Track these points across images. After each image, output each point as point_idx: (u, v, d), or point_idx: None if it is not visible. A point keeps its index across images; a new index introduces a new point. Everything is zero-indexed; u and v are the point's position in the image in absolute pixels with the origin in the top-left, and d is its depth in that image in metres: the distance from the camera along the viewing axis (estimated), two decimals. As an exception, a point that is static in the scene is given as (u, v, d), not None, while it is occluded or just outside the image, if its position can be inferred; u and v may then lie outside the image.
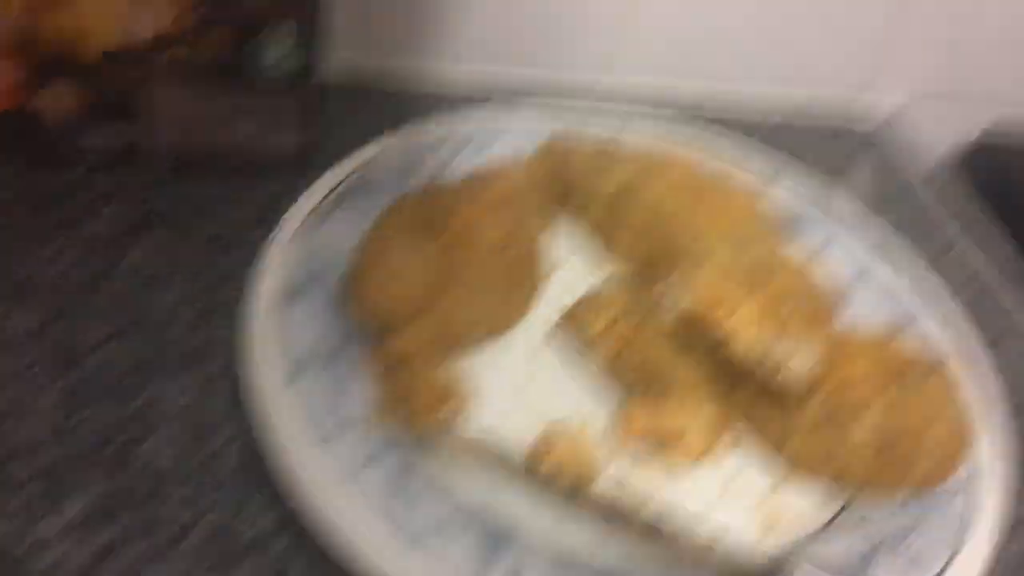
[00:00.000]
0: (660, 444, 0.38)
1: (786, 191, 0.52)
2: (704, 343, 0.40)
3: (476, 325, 0.40)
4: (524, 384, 0.40)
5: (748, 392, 0.39)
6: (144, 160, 0.47)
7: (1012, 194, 0.64)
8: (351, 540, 0.32)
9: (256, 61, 0.44)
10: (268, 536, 0.34)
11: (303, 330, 0.38)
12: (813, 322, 0.39)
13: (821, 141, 0.64)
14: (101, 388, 0.37)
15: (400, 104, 0.58)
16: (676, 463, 0.38)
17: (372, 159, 0.47)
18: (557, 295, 0.44)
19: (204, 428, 0.37)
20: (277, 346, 0.37)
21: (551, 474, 0.36)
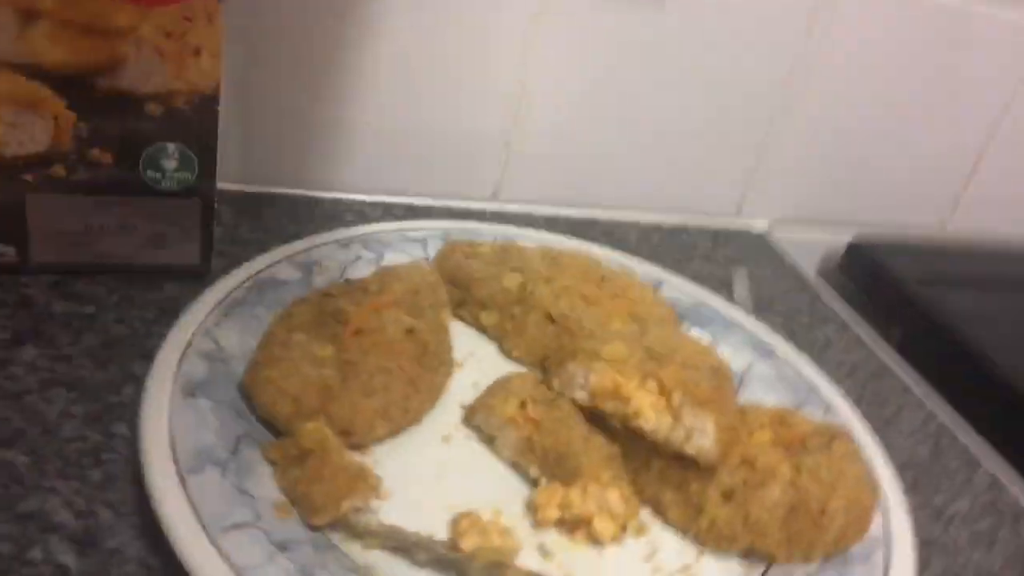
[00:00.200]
0: (572, 530, 0.37)
1: (675, 289, 0.54)
2: (612, 422, 0.40)
3: (380, 417, 0.39)
4: (434, 475, 0.39)
5: (660, 466, 0.39)
6: (31, 273, 0.45)
7: (888, 289, 0.68)
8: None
9: (142, 176, 0.44)
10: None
11: (201, 428, 0.36)
12: (716, 396, 0.40)
13: (701, 255, 0.67)
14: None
15: (298, 210, 0.59)
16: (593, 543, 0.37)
17: (270, 264, 0.46)
18: (462, 389, 0.44)
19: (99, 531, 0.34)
20: (174, 444, 0.35)
21: (468, 560, 0.34)
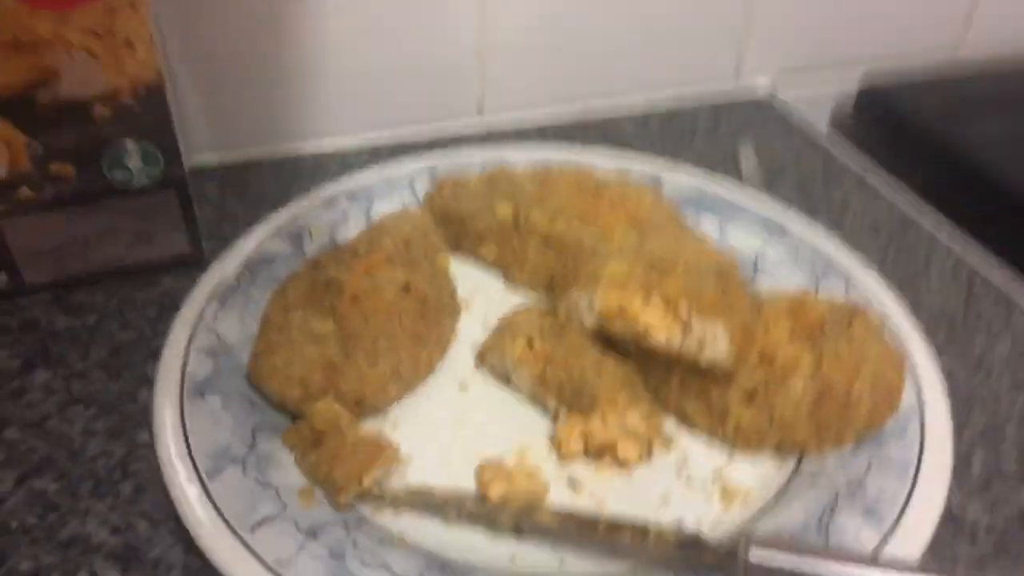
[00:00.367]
0: (598, 458, 0.37)
1: (676, 183, 0.52)
2: (624, 341, 0.39)
3: (390, 380, 0.39)
4: (455, 425, 0.39)
5: (679, 379, 0.38)
6: (27, 294, 0.46)
7: (906, 132, 0.65)
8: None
9: (108, 179, 0.43)
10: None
11: (215, 427, 0.36)
12: (726, 297, 0.39)
13: (704, 134, 0.64)
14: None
15: (282, 171, 0.58)
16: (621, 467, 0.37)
17: (259, 242, 0.46)
18: (473, 330, 0.44)
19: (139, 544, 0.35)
20: (191, 450, 0.35)
21: (498, 508, 0.34)
